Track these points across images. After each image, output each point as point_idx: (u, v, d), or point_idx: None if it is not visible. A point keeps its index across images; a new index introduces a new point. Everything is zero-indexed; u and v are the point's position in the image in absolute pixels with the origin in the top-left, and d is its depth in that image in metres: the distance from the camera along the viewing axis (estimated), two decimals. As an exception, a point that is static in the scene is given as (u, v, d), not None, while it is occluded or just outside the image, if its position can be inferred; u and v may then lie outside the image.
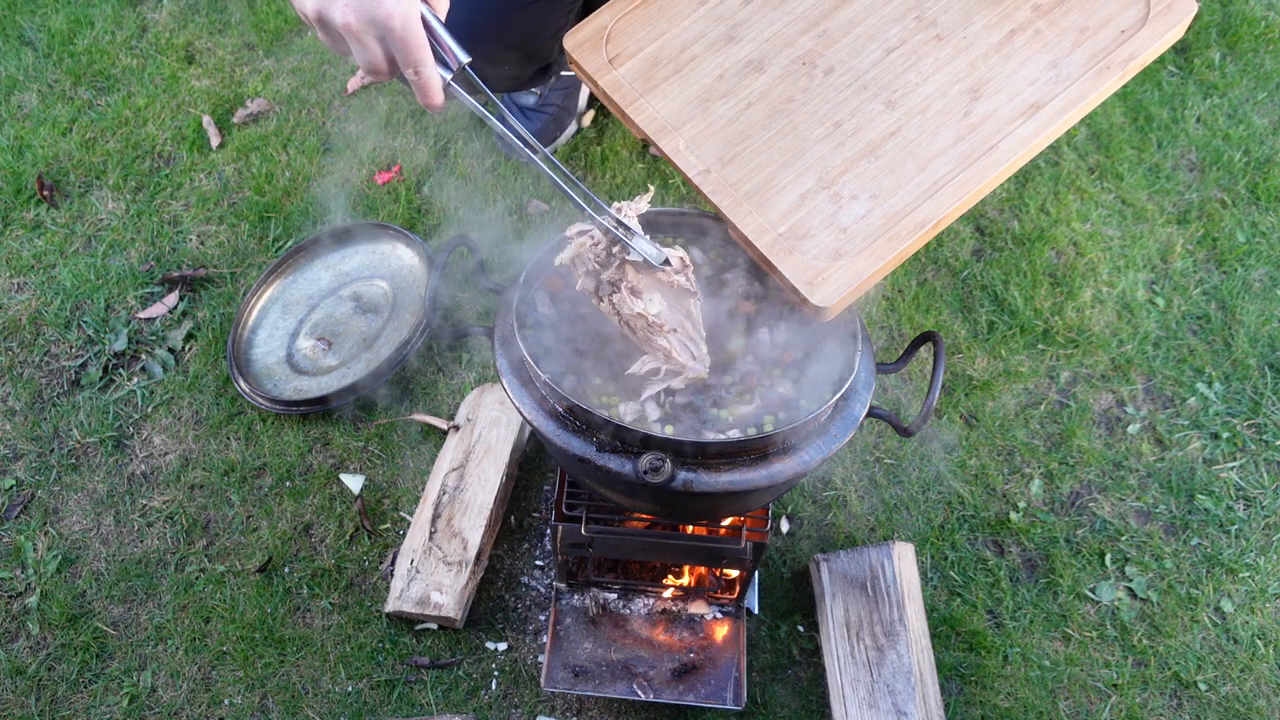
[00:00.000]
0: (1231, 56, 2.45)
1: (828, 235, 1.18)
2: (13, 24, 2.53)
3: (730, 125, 1.26)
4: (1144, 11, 1.27)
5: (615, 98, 1.30)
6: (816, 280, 1.15)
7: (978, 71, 1.27)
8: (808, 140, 1.25)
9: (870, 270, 1.16)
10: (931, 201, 1.19)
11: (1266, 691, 1.68)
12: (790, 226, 1.19)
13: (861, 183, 1.21)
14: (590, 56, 1.33)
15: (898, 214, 1.18)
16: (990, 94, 1.25)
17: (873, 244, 1.17)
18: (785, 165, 1.23)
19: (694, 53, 1.33)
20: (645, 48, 1.34)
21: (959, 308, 2.07)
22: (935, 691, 1.57)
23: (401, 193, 2.21)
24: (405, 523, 1.83)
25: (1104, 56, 1.25)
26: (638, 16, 1.35)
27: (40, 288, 2.10)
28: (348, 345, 2.01)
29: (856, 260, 1.16)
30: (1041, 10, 1.29)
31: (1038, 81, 1.25)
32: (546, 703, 1.66)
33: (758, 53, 1.32)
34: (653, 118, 1.28)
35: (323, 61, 2.46)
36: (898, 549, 1.67)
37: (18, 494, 1.86)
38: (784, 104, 1.28)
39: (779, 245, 1.18)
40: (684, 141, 1.27)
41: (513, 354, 1.24)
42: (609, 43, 1.34)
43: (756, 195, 1.22)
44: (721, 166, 1.25)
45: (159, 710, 1.65)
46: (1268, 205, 2.22)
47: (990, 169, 1.21)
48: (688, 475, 1.13)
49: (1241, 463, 1.91)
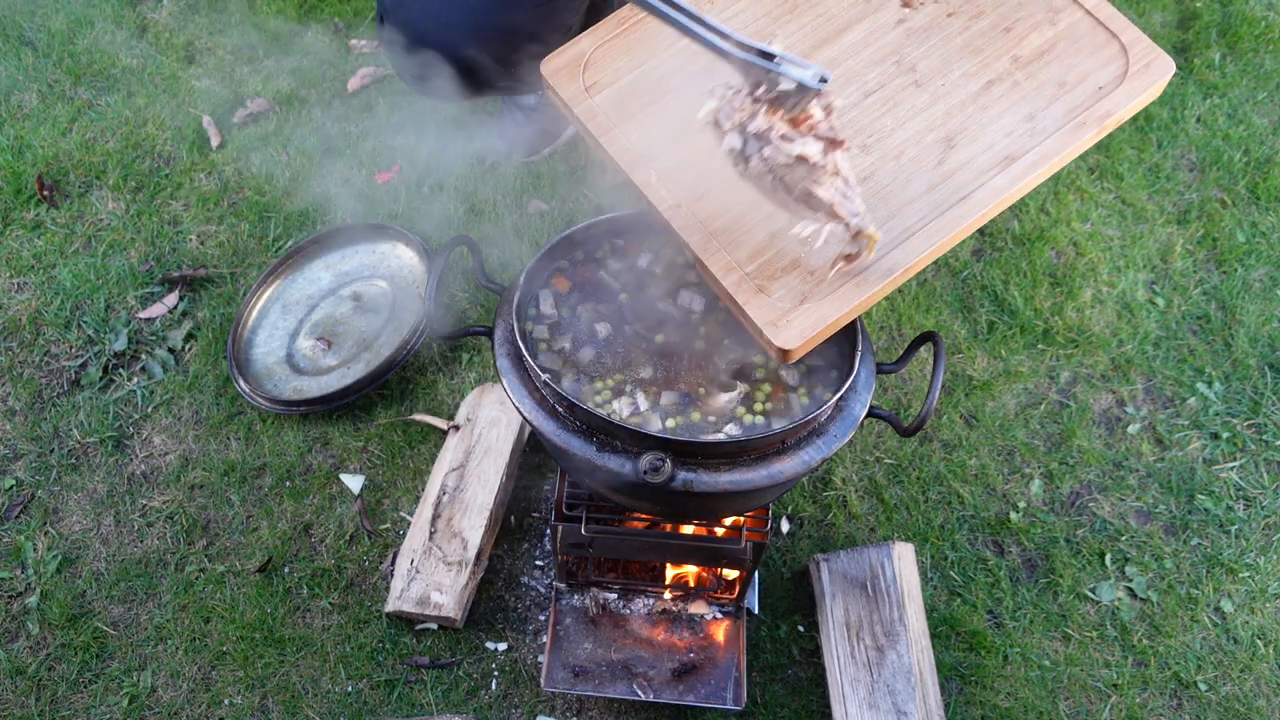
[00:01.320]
0: (1231, 56, 2.45)
1: (795, 278, 1.17)
2: (13, 24, 2.53)
3: (705, 160, 1.22)
4: (1122, 69, 1.26)
5: (590, 127, 1.28)
6: (781, 322, 1.13)
7: (954, 120, 1.25)
8: None
9: (835, 315, 1.14)
10: (901, 249, 1.17)
11: (1266, 691, 1.68)
12: (758, 266, 1.17)
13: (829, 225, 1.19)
14: (566, 84, 1.30)
15: (864, 259, 1.16)
16: (965, 143, 1.24)
17: (840, 288, 1.15)
18: (756, 204, 1.20)
19: (671, 85, 1.30)
20: (623, 78, 1.31)
21: (959, 308, 2.07)
22: (935, 691, 1.57)
23: (401, 193, 2.21)
24: (405, 523, 1.83)
25: (1081, 112, 1.24)
26: (617, 46, 1.33)
27: (40, 288, 2.10)
28: (348, 345, 2.01)
29: (822, 304, 1.14)
30: (1021, 62, 1.28)
31: (1014, 133, 1.24)
32: (546, 703, 1.66)
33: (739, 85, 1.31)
34: (626, 149, 1.25)
35: (323, 61, 2.46)
36: (898, 549, 1.67)
37: (18, 494, 1.86)
38: None
39: (745, 285, 1.16)
40: (656, 175, 1.24)
41: (513, 354, 1.24)
42: (586, 70, 1.32)
43: (726, 233, 1.20)
44: (693, 202, 1.22)
45: (159, 710, 1.65)
46: (1268, 205, 2.22)
47: (961, 219, 1.19)
48: (688, 475, 1.14)
49: (1241, 463, 1.91)
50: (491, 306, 2.06)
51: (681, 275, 1.37)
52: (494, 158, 2.28)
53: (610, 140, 1.26)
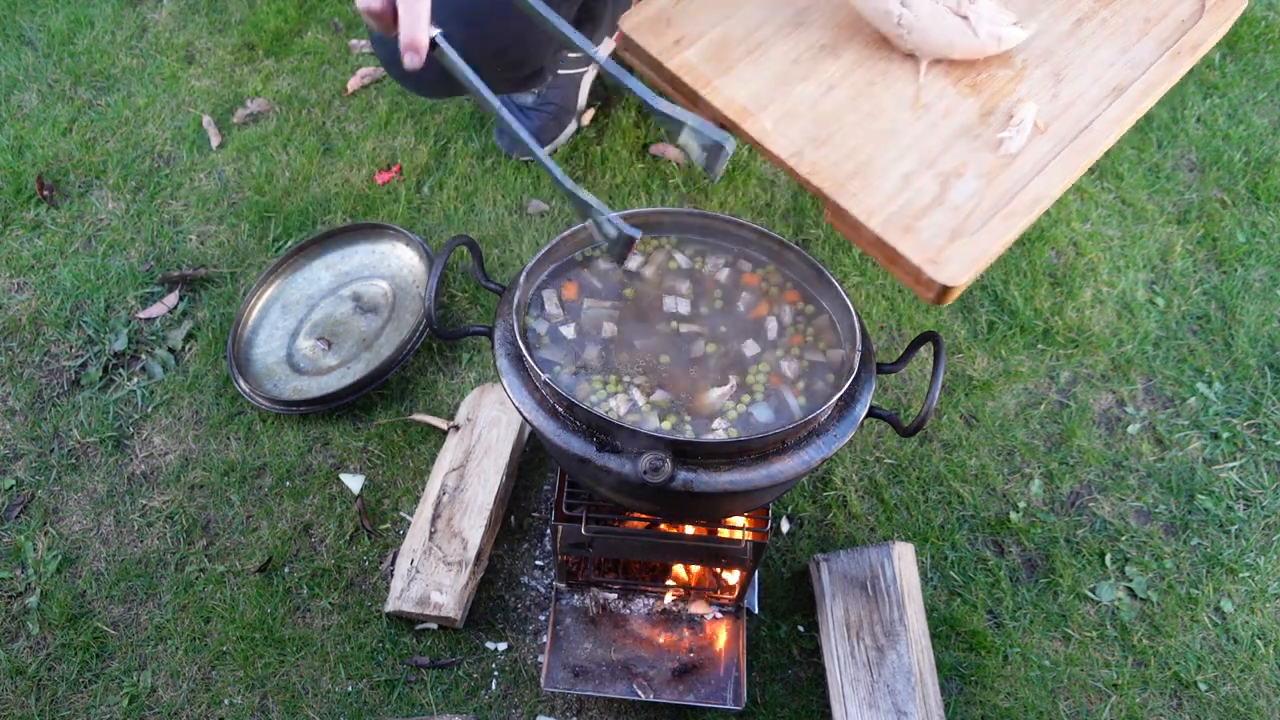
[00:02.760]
0: (1231, 56, 2.45)
1: (941, 214, 1.19)
2: (13, 24, 2.53)
3: (815, 108, 1.25)
4: (1200, 4, 1.33)
5: (687, 80, 1.28)
6: (939, 259, 1.14)
7: (1056, 55, 1.30)
8: (898, 122, 1.25)
9: (994, 249, 1.16)
10: (1041, 179, 1.20)
11: (1266, 691, 1.68)
12: (899, 207, 1.19)
13: (964, 162, 1.22)
14: (653, 39, 1.31)
15: (1009, 191, 1.19)
16: (1072, 77, 1.29)
17: (989, 222, 1.18)
18: (882, 147, 1.22)
19: (763, 36, 1.32)
20: (710, 31, 1.33)
21: (959, 308, 2.07)
22: (935, 691, 1.57)
23: (401, 193, 2.21)
24: (405, 523, 1.83)
25: (1172, 43, 1.31)
26: (697, 1, 1.35)
27: (40, 288, 2.10)
28: (348, 345, 2.01)
29: (978, 238, 1.16)
30: (1103, 1, 1.36)
31: (1114, 65, 1.30)
32: (546, 703, 1.66)
33: (830, 38, 1.33)
34: (731, 100, 1.26)
35: (323, 61, 2.46)
36: (898, 549, 1.67)
37: (18, 494, 1.86)
38: (866, 87, 1.28)
39: (892, 226, 1.17)
40: (770, 123, 1.25)
41: (513, 354, 1.24)
42: (670, 26, 1.33)
43: (858, 177, 1.21)
44: (814, 149, 1.23)
45: (159, 710, 1.65)
46: (1268, 205, 2.22)
47: (1089, 148, 1.24)
48: (688, 475, 1.13)
49: (1241, 463, 1.91)
50: (491, 306, 2.06)
51: (672, 277, 1.37)
52: (493, 157, 2.28)
53: (712, 92, 1.26)
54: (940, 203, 1.19)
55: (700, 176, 2.22)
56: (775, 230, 1.34)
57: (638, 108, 2.30)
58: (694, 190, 2.21)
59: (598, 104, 2.33)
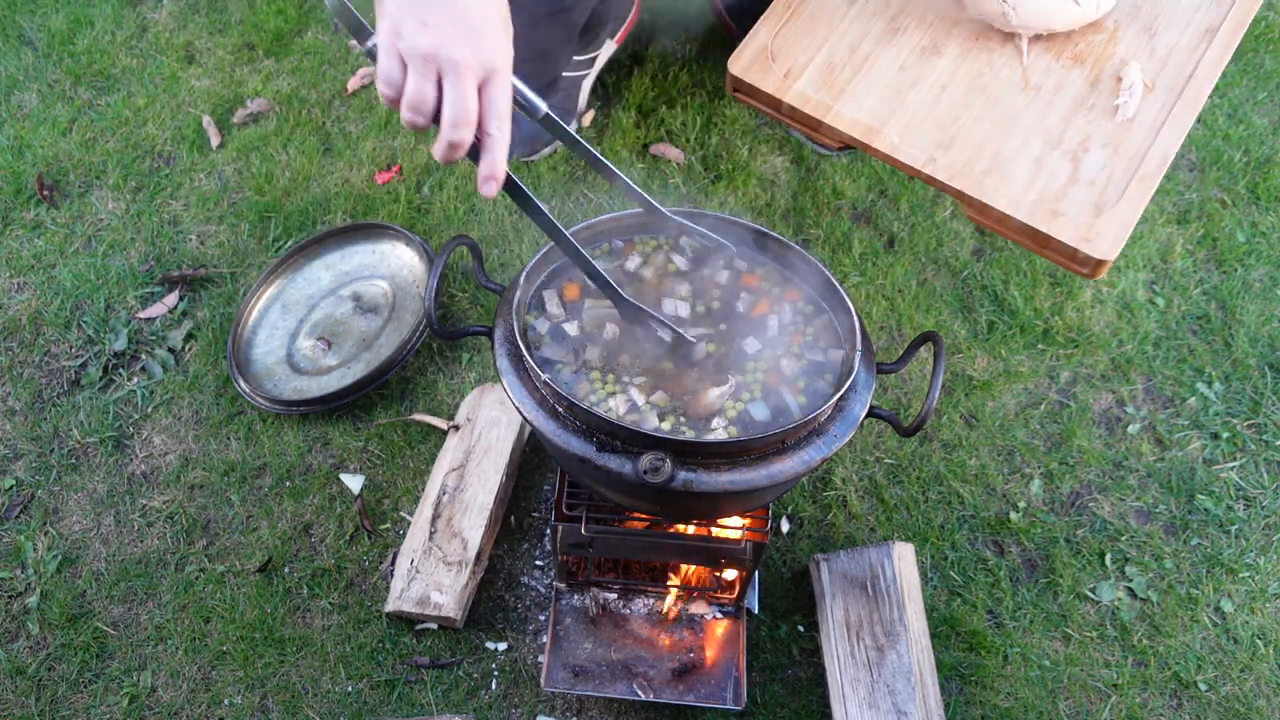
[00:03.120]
0: (1231, 56, 2.45)
1: (1079, 192, 1.20)
2: (13, 24, 2.53)
3: (934, 111, 1.27)
4: None
5: (807, 110, 1.29)
6: (1091, 236, 1.17)
7: (1143, 10, 1.31)
8: (1015, 107, 1.26)
9: (1136, 214, 1.19)
10: (1162, 136, 1.22)
11: (1266, 691, 1.68)
12: (1039, 193, 1.20)
13: (1087, 135, 1.23)
14: (764, 77, 1.32)
15: (1136, 156, 1.21)
16: (1164, 28, 1.29)
17: (1126, 190, 1.19)
18: (1006, 136, 1.24)
19: (865, 51, 1.33)
20: (815, 56, 1.34)
21: (959, 308, 2.07)
22: (935, 691, 1.57)
23: (401, 193, 2.21)
24: (405, 523, 1.83)
25: None
26: (793, 29, 1.35)
27: (40, 288, 2.10)
28: (348, 345, 2.01)
29: (1120, 209, 1.18)
30: None
31: (1200, 8, 1.31)
32: (546, 703, 1.66)
33: (929, 38, 1.33)
34: (854, 121, 1.28)
35: (323, 61, 2.46)
36: (898, 549, 1.67)
37: (18, 494, 1.86)
38: (976, 79, 1.29)
39: (1039, 212, 1.19)
40: (896, 136, 1.27)
41: (513, 354, 1.24)
42: (775, 60, 1.33)
43: (993, 171, 1.23)
44: (944, 152, 1.25)
45: (159, 710, 1.65)
46: (1268, 205, 2.22)
47: (1197, 95, 1.26)
48: (688, 475, 1.13)
49: (1241, 463, 1.91)
50: (491, 306, 2.06)
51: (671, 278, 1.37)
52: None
53: (835, 118, 1.28)
54: (1075, 180, 1.21)
55: (700, 176, 2.22)
56: (775, 230, 1.34)
57: (638, 108, 2.30)
58: (694, 190, 2.21)
59: (598, 104, 2.33)
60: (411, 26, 0.90)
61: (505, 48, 0.95)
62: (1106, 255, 1.17)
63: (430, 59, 0.90)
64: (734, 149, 2.24)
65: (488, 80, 0.94)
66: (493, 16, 0.94)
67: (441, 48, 0.90)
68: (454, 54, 0.90)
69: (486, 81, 0.94)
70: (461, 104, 0.92)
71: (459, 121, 0.92)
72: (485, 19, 0.92)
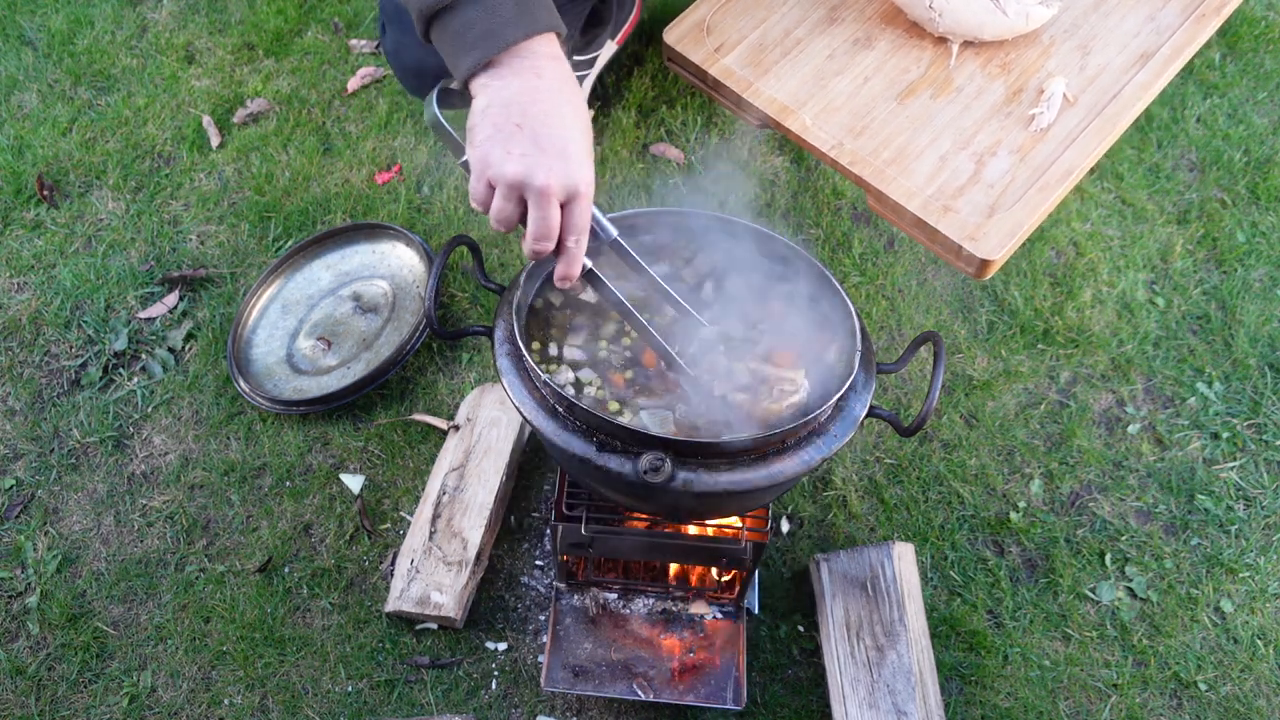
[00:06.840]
0: (1231, 56, 2.45)
1: (978, 192, 1.22)
2: (13, 24, 2.53)
3: (852, 100, 1.31)
4: None
5: (729, 84, 1.33)
6: (977, 235, 1.19)
7: (1082, 29, 1.32)
8: (932, 106, 1.29)
9: (1029, 221, 1.22)
10: (1072, 150, 1.25)
11: (1266, 691, 1.68)
12: (937, 188, 1.23)
13: (998, 140, 1.25)
14: (694, 48, 1.36)
15: (1042, 165, 1.23)
16: (1099, 48, 1.31)
17: (1024, 196, 1.21)
18: (917, 131, 1.26)
19: (798, 36, 1.37)
20: (748, 35, 1.38)
21: (959, 308, 2.07)
22: (935, 691, 1.57)
23: (401, 193, 2.21)
24: (405, 523, 1.83)
25: (1197, 6, 1.34)
26: (734, 7, 1.39)
27: (40, 288, 2.10)
28: (348, 345, 2.01)
29: (1013, 213, 1.21)
30: None
31: (1140, 34, 1.33)
32: (546, 702, 1.66)
33: (863, 32, 1.36)
34: (771, 100, 1.32)
35: (323, 61, 2.46)
36: (898, 549, 1.67)
37: (18, 494, 1.86)
38: (900, 75, 1.32)
39: (931, 207, 1.22)
40: (810, 118, 1.30)
41: (513, 354, 1.24)
42: (709, 34, 1.37)
43: (896, 162, 1.26)
44: (853, 139, 1.28)
45: (159, 710, 1.65)
46: (1268, 205, 2.22)
47: (1118, 115, 1.27)
48: (688, 475, 1.13)
49: (1241, 463, 1.91)
50: (491, 306, 2.06)
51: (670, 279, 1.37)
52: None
53: (754, 94, 1.32)
54: (976, 181, 1.23)
55: (701, 176, 2.22)
56: (775, 230, 1.35)
57: (638, 107, 2.30)
58: (694, 190, 2.21)
59: (597, 104, 2.33)
60: (499, 157, 1.04)
61: (589, 175, 1.07)
62: (990, 255, 1.19)
63: (515, 186, 1.04)
64: (734, 149, 2.24)
65: (571, 201, 1.07)
66: (582, 147, 1.07)
67: (526, 175, 1.03)
68: (538, 181, 1.03)
69: (570, 202, 1.07)
70: (544, 223, 1.06)
71: (540, 237, 1.07)
72: (575, 149, 1.06)
